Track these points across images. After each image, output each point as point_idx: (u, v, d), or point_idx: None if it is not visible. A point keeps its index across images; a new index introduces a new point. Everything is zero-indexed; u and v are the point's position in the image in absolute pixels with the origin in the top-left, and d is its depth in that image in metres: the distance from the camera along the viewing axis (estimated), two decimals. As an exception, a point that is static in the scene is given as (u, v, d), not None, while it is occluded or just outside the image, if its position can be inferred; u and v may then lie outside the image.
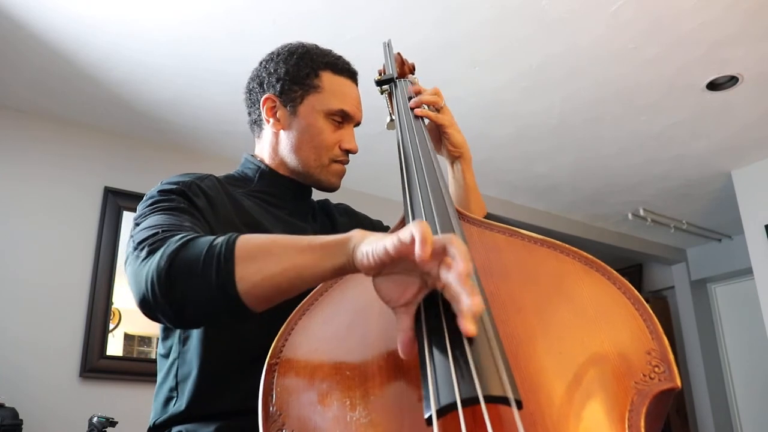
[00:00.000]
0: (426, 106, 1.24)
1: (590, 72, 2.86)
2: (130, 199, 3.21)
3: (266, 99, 1.17)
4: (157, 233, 0.83)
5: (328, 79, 1.16)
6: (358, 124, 1.20)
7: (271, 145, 1.18)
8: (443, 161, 1.27)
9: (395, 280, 0.68)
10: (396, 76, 1.34)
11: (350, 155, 1.19)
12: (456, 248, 0.63)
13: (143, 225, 0.89)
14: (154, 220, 0.90)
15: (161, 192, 0.99)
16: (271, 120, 1.17)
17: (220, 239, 0.76)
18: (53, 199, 3.07)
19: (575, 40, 2.63)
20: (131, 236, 0.89)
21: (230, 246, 0.74)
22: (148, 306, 0.78)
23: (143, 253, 0.80)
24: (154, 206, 0.95)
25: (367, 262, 0.67)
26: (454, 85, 2.91)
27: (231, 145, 3.36)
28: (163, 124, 3.25)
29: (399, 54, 1.40)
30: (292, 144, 1.15)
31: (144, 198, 1.01)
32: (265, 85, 1.18)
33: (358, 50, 2.62)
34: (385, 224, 1.31)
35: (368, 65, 1.65)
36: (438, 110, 1.24)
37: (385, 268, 0.67)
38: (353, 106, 1.17)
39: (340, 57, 1.20)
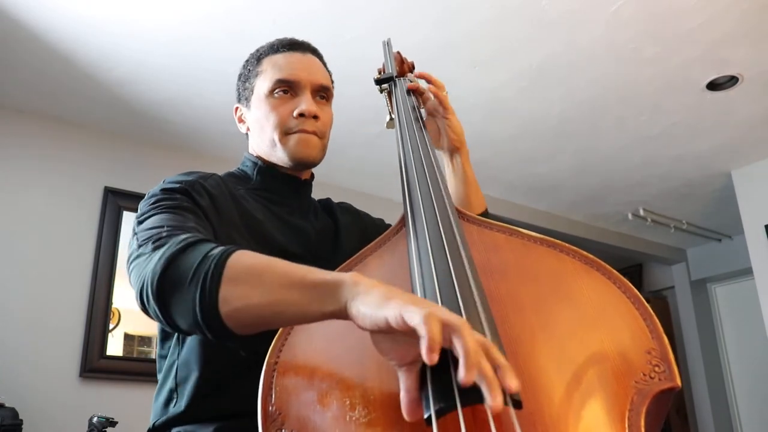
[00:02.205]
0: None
1: (590, 72, 2.86)
2: (130, 199, 3.21)
3: (235, 110, 1.22)
4: (162, 230, 0.83)
5: (267, 61, 1.14)
6: (318, 88, 1.14)
7: (251, 146, 1.20)
8: (441, 156, 1.26)
9: (397, 339, 0.61)
10: (395, 74, 1.33)
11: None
12: (463, 344, 0.56)
13: (148, 223, 0.88)
14: (159, 219, 0.89)
15: (164, 191, 0.98)
16: (242, 125, 1.21)
17: (217, 251, 0.73)
18: (53, 199, 3.07)
19: (575, 39, 2.63)
20: (134, 233, 0.89)
21: (221, 263, 0.71)
22: (143, 305, 0.78)
23: (147, 249, 0.80)
24: (158, 204, 0.94)
25: (362, 324, 0.63)
26: (454, 85, 2.89)
27: (231, 145, 3.36)
28: (163, 124, 3.25)
29: (398, 53, 1.40)
30: (256, 136, 1.16)
31: (146, 196, 1.00)
32: (236, 99, 1.22)
33: (358, 50, 2.63)
34: (386, 222, 1.31)
35: (368, 65, 1.66)
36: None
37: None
38: (293, 71, 1.11)
39: (282, 40, 1.17)
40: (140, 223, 0.91)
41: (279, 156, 1.13)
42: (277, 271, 0.71)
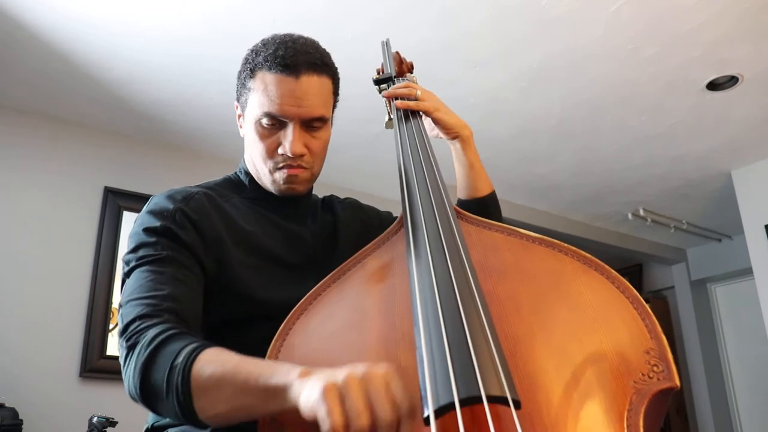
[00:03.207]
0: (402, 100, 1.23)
1: (590, 72, 2.86)
2: (130, 199, 3.21)
3: (236, 107, 1.15)
4: (134, 324, 0.86)
5: (260, 79, 1.04)
6: (308, 120, 1.04)
7: (245, 156, 1.16)
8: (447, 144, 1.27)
9: None
10: (394, 75, 1.33)
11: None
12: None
13: (127, 292, 0.93)
14: (136, 285, 0.92)
15: (146, 231, 0.98)
16: (240, 129, 1.15)
17: (180, 360, 0.78)
18: (53, 199, 3.07)
19: (575, 39, 2.62)
20: (120, 303, 0.93)
21: (186, 377, 0.76)
22: (136, 402, 0.85)
23: (124, 351, 0.85)
24: (138, 253, 0.96)
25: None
26: (454, 85, 2.91)
27: (231, 145, 3.36)
28: (163, 124, 3.25)
29: (397, 53, 1.40)
30: (248, 152, 1.13)
31: (133, 226, 1.02)
32: (236, 92, 1.15)
33: (358, 50, 2.63)
34: (394, 216, 1.29)
35: (368, 65, 1.65)
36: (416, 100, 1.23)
37: None
38: (281, 105, 1.02)
39: (277, 50, 1.04)
40: (126, 275, 0.96)
41: (266, 185, 1.11)
42: (234, 378, 0.74)
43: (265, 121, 1.04)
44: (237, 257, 1.02)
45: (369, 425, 0.60)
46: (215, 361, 0.77)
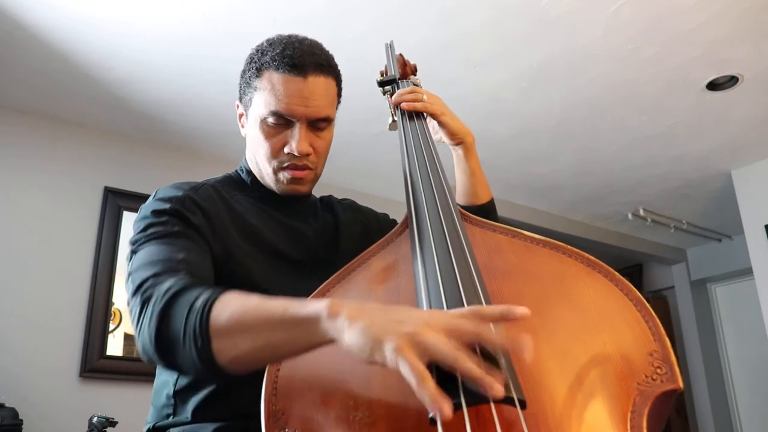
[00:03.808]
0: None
1: (590, 72, 2.86)
2: (130, 199, 3.21)
3: (237, 106, 1.16)
4: (148, 281, 0.84)
5: (267, 78, 1.04)
6: (315, 120, 1.05)
7: (247, 155, 1.17)
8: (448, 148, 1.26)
9: None
10: (398, 77, 1.34)
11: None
12: (444, 357, 0.59)
13: (137, 262, 0.90)
14: (147, 254, 0.91)
15: (155, 213, 0.98)
16: (242, 129, 1.16)
17: (199, 303, 0.75)
18: (53, 199, 3.07)
19: (575, 39, 2.63)
20: (129, 273, 0.90)
21: (205, 319, 0.74)
22: (150, 362, 0.82)
23: (137, 306, 0.82)
24: (148, 231, 0.95)
25: (356, 353, 0.64)
26: (454, 85, 2.91)
27: (231, 145, 3.36)
28: (163, 124, 3.25)
29: (401, 55, 1.40)
30: (250, 151, 1.13)
31: (138, 214, 1.01)
32: (238, 91, 1.15)
33: (358, 50, 2.63)
34: (391, 218, 1.30)
35: (368, 65, 1.66)
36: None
37: None
38: (289, 104, 1.02)
39: (285, 50, 1.04)
40: (133, 252, 0.94)
41: (269, 184, 1.11)
42: (257, 314, 0.72)
43: (271, 120, 1.04)
44: (242, 248, 1.02)
45: (461, 353, 0.58)
46: (236, 301, 0.75)
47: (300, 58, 1.03)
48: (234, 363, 0.74)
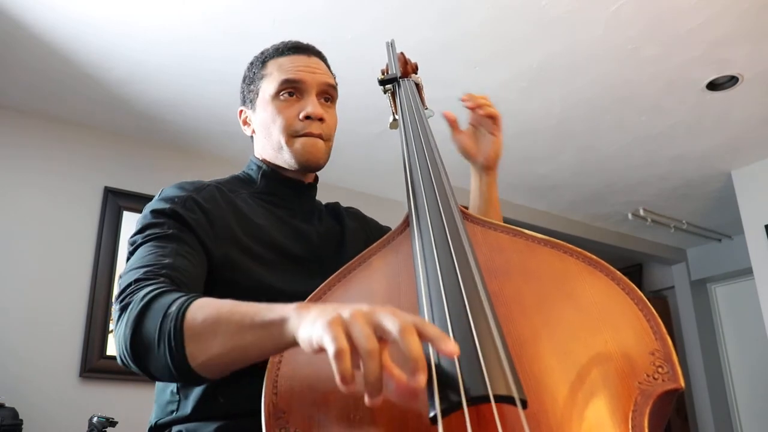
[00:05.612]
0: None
1: (590, 72, 2.86)
2: (130, 199, 3.21)
3: (239, 112, 1.23)
4: (129, 287, 0.86)
5: (272, 64, 1.15)
6: (324, 89, 1.15)
7: (256, 149, 1.20)
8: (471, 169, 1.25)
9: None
10: (399, 75, 1.34)
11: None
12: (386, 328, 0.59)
13: (127, 266, 0.93)
14: (137, 258, 0.93)
15: (154, 213, 1.00)
16: (247, 128, 1.21)
17: (174, 308, 0.77)
18: (53, 199, 3.07)
19: (575, 39, 2.63)
20: (120, 276, 0.93)
21: (179, 322, 0.75)
22: (126, 366, 0.83)
23: (117, 313, 0.84)
24: (144, 233, 0.98)
25: (306, 348, 0.64)
26: (454, 85, 2.90)
27: (231, 145, 3.36)
28: (163, 124, 3.25)
29: (402, 54, 1.40)
30: (262, 138, 1.17)
31: (142, 213, 1.03)
32: (240, 101, 1.23)
33: (358, 50, 2.63)
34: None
35: (368, 65, 1.66)
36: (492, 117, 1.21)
37: None
38: (298, 72, 1.13)
39: (285, 42, 1.18)
40: (130, 253, 0.97)
41: (285, 159, 1.13)
42: (229, 319, 0.73)
43: (283, 93, 1.12)
44: (247, 246, 1.04)
45: (376, 348, 0.58)
46: (209, 306, 0.76)
47: (301, 44, 1.18)
48: (206, 366, 0.75)
